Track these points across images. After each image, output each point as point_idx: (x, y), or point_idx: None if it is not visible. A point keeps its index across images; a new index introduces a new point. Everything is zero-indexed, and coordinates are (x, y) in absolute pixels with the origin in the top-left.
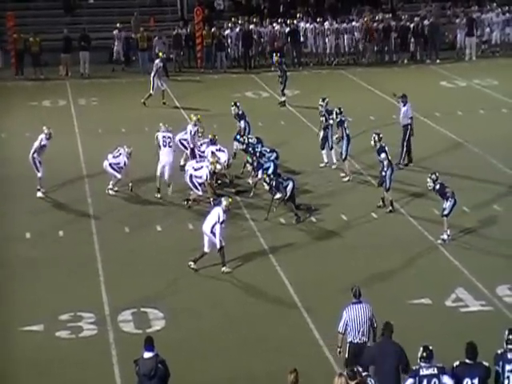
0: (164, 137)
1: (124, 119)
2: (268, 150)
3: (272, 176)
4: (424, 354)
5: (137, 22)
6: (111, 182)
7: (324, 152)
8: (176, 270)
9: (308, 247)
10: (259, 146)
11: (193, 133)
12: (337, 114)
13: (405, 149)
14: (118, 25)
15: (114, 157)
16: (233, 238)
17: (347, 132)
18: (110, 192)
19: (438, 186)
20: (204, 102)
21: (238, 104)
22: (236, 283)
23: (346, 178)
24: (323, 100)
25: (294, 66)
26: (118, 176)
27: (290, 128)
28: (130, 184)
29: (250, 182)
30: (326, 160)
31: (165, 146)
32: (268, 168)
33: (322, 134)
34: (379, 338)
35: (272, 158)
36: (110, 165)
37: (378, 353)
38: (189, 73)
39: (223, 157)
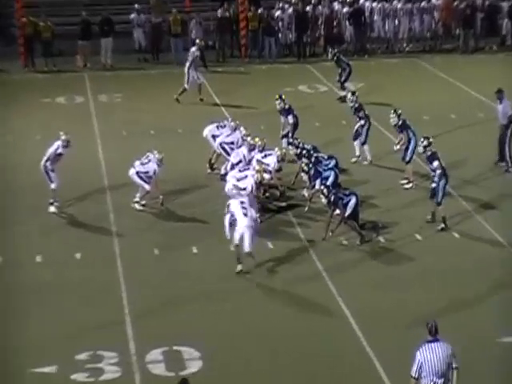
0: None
1: (154, 119)
2: (325, 157)
3: (331, 188)
4: None
5: (158, 2)
6: (138, 195)
7: (356, 144)
8: (216, 299)
9: (374, 273)
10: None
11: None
12: (399, 115)
13: (507, 150)
14: (136, 6)
15: (141, 164)
16: (284, 260)
17: (411, 134)
18: (137, 206)
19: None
20: (249, 98)
21: (282, 97)
22: (287, 313)
23: (409, 185)
24: (353, 94)
25: (358, 53)
26: (147, 187)
27: (352, 129)
28: (161, 197)
29: (305, 194)
30: (357, 153)
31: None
32: (327, 178)
33: (356, 126)
34: None
35: (330, 165)
36: (138, 173)
37: None
38: (231, 63)
39: (271, 161)
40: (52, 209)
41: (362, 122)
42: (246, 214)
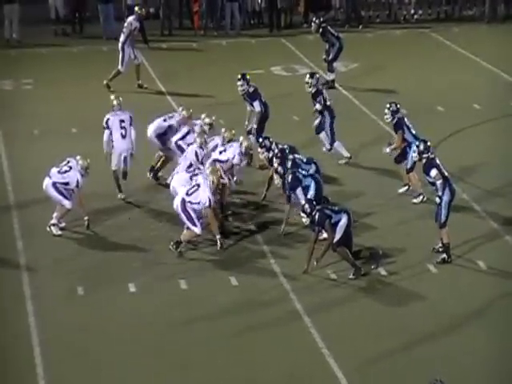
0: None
1: (76, 113)
2: (304, 160)
3: (314, 203)
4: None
5: None
6: (55, 214)
7: (322, 136)
8: (162, 355)
9: (372, 317)
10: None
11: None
12: (393, 112)
13: None
14: None
15: (60, 172)
16: (252, 301)
17: (411, 137)
18: (54, 230)
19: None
20: (205, 83)
21: (246, 76)
22: (257, 372)
23: (418, 199)
24: (311, 76)
25: (351, 23)
26: (67, 204)
27: (342, 123)
28: (86, 218)
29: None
30: (328, 146)
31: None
32: (307, 188)
33: (316, 120)
34: None
35: (310, 171)
36: (55, 185)
37: None
38: (180, 37)
39: (231, 154)
40: None
41: (318, 107)
42: (124, 136)
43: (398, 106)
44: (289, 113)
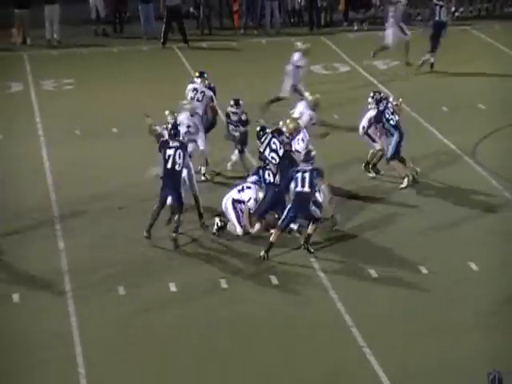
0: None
1: (116, 113)
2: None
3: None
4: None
5: None
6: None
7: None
8: (201, 356)
9: (416, 318)
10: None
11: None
12: (378, 100)
13: None
14: None
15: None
16: (293, 301)
17: (392, 122)
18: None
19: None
20: (246, 82)
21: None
22: (297, 369)
23: (404, 184)
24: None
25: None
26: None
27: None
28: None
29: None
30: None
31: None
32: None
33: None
34: None
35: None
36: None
37: None
38: (220, 36)
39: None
40: None
41: None
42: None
43: (382, 95)
44: (329, 111)
